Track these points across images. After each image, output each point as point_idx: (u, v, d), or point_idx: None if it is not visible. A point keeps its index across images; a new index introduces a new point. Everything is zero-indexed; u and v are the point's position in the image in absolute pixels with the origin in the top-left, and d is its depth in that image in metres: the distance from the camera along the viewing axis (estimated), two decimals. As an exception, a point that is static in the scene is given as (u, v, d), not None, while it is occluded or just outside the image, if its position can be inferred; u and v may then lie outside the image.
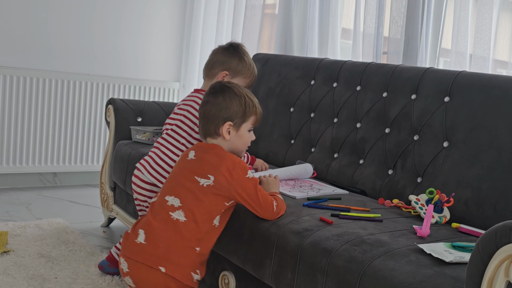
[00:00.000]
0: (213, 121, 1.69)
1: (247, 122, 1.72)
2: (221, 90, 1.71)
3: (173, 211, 1.58)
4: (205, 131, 1.71)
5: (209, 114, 1.69)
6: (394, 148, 2.07)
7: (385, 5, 2.58)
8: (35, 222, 2.66)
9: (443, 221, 1.72)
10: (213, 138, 1.71)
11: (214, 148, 1.68)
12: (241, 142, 1.73)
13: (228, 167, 1.60)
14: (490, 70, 2.17)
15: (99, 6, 3.52)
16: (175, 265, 1.55)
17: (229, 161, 1.62)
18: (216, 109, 1.68)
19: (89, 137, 3.53)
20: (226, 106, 1.68)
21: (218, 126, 1.68)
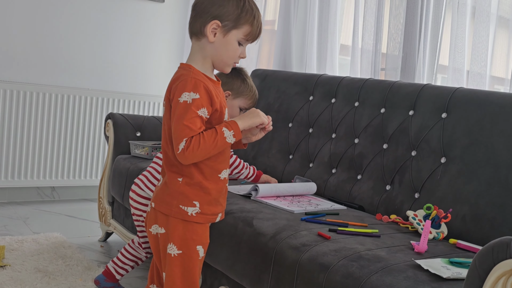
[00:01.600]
0: (201, 16, 1.47)
1: (238, 29, 1.48)
2: None
3: None
4: (191, 28, 1.50)
5: (200, 7, 1.48)
6: (392, 164, 2.07)
7: (383, 22, 2.60)
8: (32, 236, 2.65)
9: (440, 237, 1.72)
10: (197, 39, 1.49)
11: (179, 67, 1.51)
12: (226, 51, 1.48)
13: (172, 84, 1.46)
14: (487, 86, 2.19)
15: (99, 20, 3.55)
16: (160, 199, 1.50)
17: (177, 76, 1.46)
18: (209, 2, 1.47)
19: (88, 152, 3.53)
20: (221, 2, 1.46)
21: (205, 23, 1.46)
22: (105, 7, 3.55)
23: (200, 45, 1.49)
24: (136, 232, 2.49)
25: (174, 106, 1.43)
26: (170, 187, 1.49)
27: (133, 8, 3.65)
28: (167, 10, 3.80)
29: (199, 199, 1.49)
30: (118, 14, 3.61)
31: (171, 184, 1.49)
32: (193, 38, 1.51)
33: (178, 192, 1.48)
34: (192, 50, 1.52)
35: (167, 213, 1.48)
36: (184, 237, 1.48)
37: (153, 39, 3.78)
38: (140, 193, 2.00)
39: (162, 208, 1.49)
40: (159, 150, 2.62)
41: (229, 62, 1.51)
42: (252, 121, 1.50)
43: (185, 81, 1.42)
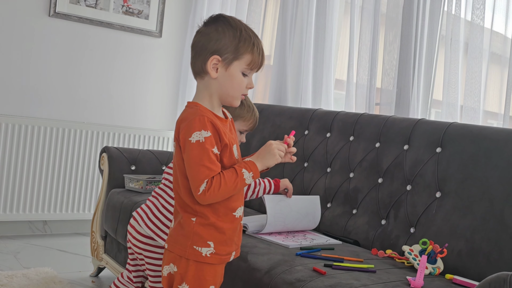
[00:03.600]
0: (200, 54, 1.44)
1: (239, 60, 1.44)
2: (215, 20, 1.46)
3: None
4: (193, 68, 1.48)
5: (197, 46, 1.45)
6: (387, 198, 2.06)
7: (377, 57, 2.63)
8: (22, 271, 2.60)
9: (436, 272, 1.70)
10: (201, 78, 1.47)
11: (187, 106, 1.48)
12: (232, 84, 1.45)
13: (179, 124, 1.42)
14: (481, 121, 2.20)
15: (95, 54, 3.58)
16: (174, 240, 1.46)
17: (184, 116, 1.43)
18: (205, 40, 1.43)
19: (81, 185, 3.51)
20: (217, 37, 1.42)
21: (205, 61, 1.43)
22: (102, 41, 3.59)
23: (205, 83, 1.46)
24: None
25: (184, 147, 1.39)
26: (184, 227, 1.45)
27: (130, 42, 3.69)
28: (164, 45, 3.84)
29: (214, 239, 1.44)
30: (115, 48, 3.64)
31: (185, 225, 1.45)
32: (197, 78, 1.48)
33: (192, 233, 1.44)
34: (198, 89, 1.49)
35: (181, 254, 1.44)
36: (197, 277, 1.44)
37: (149, 74, 3.81)
38: (139, 230, 1.90)
39: (176, 249, 1.45)
40: (153, 183, 2.61)
41: (236, 95, 1.47)
42: (269, 163, 1.48)
43: (192, 120, 1.39)
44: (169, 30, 3.85)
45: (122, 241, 2.41)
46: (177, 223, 1.48)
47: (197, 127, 1.38)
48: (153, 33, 3.76)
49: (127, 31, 3.65)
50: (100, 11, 3.53)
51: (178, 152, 1.43)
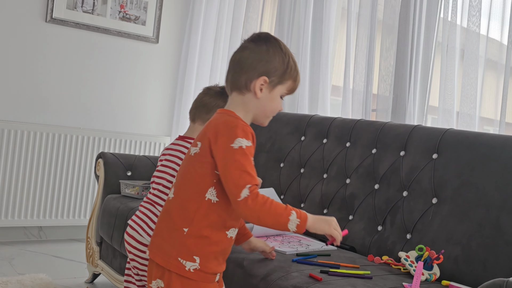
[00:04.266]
0: (248, 72, 1.43)
1: (283, 85, 1.46)
2: (266, 39, 1.46)
3: (169, 191, 1.43)
4: (234, 81, 1.45)
5: (245, 62, 1.43)
6: (383, 204, 2.06)
7: (374, 64, 2.64)
8: (17, 277, 2.59)
9: (433, 279, 1.69)
10: (240, 93, 1.45)
11: (220, 112, 1.45)
12: (271, 105, 1.46)
13: (217, 129, 1.37)
14: (477, 127, 2.20)
15: (92, 60, 3.58)
16: (157, 247, 1.38)
17: (223, 122, 1.39)
18: (255, 59, 1.43)
19: (77, 191, 3.49)
20: (268, 58, 1.43)
21: (252, 79, 1.42)
22: (98, 47, 3.59)
23: (244, 100, 1.45)
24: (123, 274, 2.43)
25: (223, 152, 1.34)
26: (172, 236, 1.37)
27: (127, 48, 3.69)
28: (161, 51, 3.84)
29: (201, 254, 1.36)
30: (112, 53, 3.64)
31: (175, 233, 1.37)
32: (235, 92, 1.46)
33: (179, 243, 1.36)
34: (233, 103, 1.46)
35: (163, 264, 1.36)
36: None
37: (146, 79, 3.81)
38: (141, 240, 1.83)
39: (158, 258, 1.37)
40: (150, 189, 2.59)
41: (270, 116, 1.49)
42: (322, 227, 1.41)
43: (235, 127, 1.37)
44: (166, 36, 3.85)
45: (117, 247, 2.40)
46: (163, 229, 1.40)
47: (240, 134, 1.36)
48: (150, 39, 3.76)
49: (124, 37, 3.66)
50: (97, 17, 3.53)
51: (203, 157, 1.38)
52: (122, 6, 3.62)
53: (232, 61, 1.48)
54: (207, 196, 1.36)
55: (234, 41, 3.50)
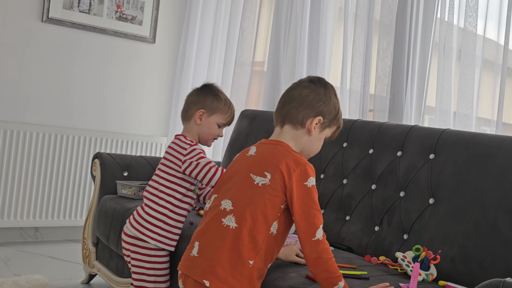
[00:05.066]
0: (306, 109, 1.50)
1: (331, 128, 1.56)
2: (324, 84, 1.55)
3: (224, 217, 1.40)
4: (291, 115, 1.51)
5: (305, 100, 1.50)
6: (380, 205, 2.06)
7: (371, 64, 2.64)
8: (13, 278, 2.57)
9: (430, 279, 1.69)
10: (294, 128, 1.51)
11: (279, 144, 1.50)
12: (317, 145, 1.55)
13: (288, 164, 1.42)
14: (474, 127, 2.20)
15: (88, 60, 3.57)
16: (221, 279, 1.34)
17: (292, 158, 1.43)
18: (315, 99, 1.51)
19: (73, 191, 3.48)
20: (325, 100, 1.52)
21: (308, 117, 1.50)
22: (95, 47, 3.58)
23: (296, 134, 1.52)
24: (121, 274, 2.43)
25: (300, 190, 1.40)
26: (236, 268, 1.36)
27: (123, 48, 3.68)
28: (158, 51, 3.84)
29: (257, 286, 1.41)
30: (109, 53, 3.63)
31: (241, 266, 1.36)
32: (288, 125, 1.52)
33: (244, 276, 1.36)
34: (285, 135, 1.52)
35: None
36: None
37: (143, 79, 3.80)
38: (127, 232, 1.92)
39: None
40: (146, 190, 2.59)
41: (312, 155, 1.57)
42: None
43: (307, 165, 1.43)
44: (162, 36, 3.84)
45: (114, 247, 2.39)
46: (225, 261, 1.36)
47: (311, 174, 1.44)
48: (146, 39, 3.75)
49: (121, 37, 3.65)
50: (94, 16, 3.53)
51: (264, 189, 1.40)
52: (119, 6, 3.61)
53: (290, 96, 1.54)
54: (271, 230, 1.41)
55: (231, 41, 3.50)
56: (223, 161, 2.92)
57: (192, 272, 1.39)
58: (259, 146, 1.53)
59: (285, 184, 1.41)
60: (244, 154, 1.53)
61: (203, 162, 1.87)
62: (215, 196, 1.51)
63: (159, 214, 1.89)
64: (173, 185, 1.91)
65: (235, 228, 1.38)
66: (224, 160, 2.92)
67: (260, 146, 1.53)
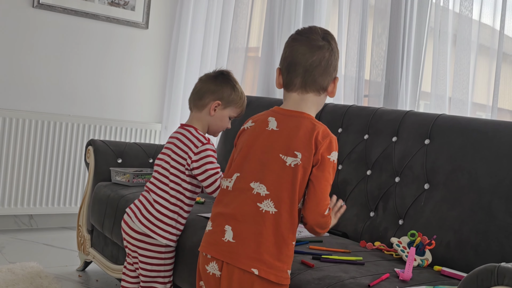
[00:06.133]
0: (331, 74, 1.47)
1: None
2: (335, 39, 1.51)
3: (260, 202, 1.36)
4: (317, 84, 1.45)
5: (329, 65, 1.46)
6: (375, 190, 2.06)
7: (366, 49, 2.62)
8: (7, 266, 2.57)
9: (425, 264, 1.69)
10: (317, 95, 1.47)
11: (301, 116, 1.44)
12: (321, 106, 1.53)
13: (317, 140, 1.39)
14: (469, 113, 2.20)
15: (81, 46, 3.53)
16: (269, 265, 1.33)
17: (320, 132, 1.40)
18: (335, 61, 1.47)
19: (67, 179, 3.47)
20: (338, 58, 1.49)
21: (331, 81, 1.48)
22: (87, 33, 3.54)
23: (318, 100, 1.48)
24: (116, 261, 2.42)
25: (324, 164, 1.38)
26: (282, 251, 1.35)
27: (116, 34, 3.65)
28: (151, 37, 3.80)
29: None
30: (101, 39, 3.60)
31: (286, 248, 1.36)
32: (312, 93, 1.46)
33: (288, 256, 1.37)
34: (308, 103, 1.47)
35: (277, 280, 1.34)
36: None
37: (136, 66, 3.77)
38: (132, 227, 1.86)
39: (272, 276, 1.33)
40: (140, 177, 2.58)
41: None
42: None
43: (333, 138, 1.42)
44: (156, 22, 3.80)
45: (108, 235, 2.39)
46: (272, 246, 1.35)
47: (335, 148, 1.42)
48: (139, 24, 3.72)
49: (113, 22, 3.61)
50: (86, 2, 3.48)
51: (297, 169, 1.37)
52: (111, -9, 3.57)
53: (312, 61, 1.44)
54: (299, 205, 1.41)
55: (225, 26, 3.46)
56: (217, 148, 2.91)
57: (234, 260, 1.35)
58: (279, 118, 1.45)
59: (313, 157, 1.38)
60: (264, 128, 1.45)
61: (211, 172, 1.82)
62: (237, 175, 1.44)
63: (172, 212, 1.84)
64: (183, 183, 1.86)
65: (275, 213, 1.36)
66: (219, 147, 2.91)
67: (281, 119, 1.44)
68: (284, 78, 1.49)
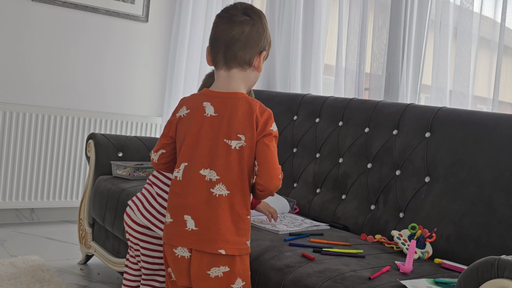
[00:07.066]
0: (253, 48, 1.48)
1: (267, 51, 1.55)
2: (259, 14, 1.52)
3: (213, 187, 1.43)
4: (238, 59, 1.48)
5: (249, 39, 1.47)
6: (376, 183, 2.06)
7: (366, 42, 2.62)
8: (9, 259, 2.58)
9: (425, 257, 1.70)
10: (242, 70, 1.49)
11: (235, 97, 1.47)
12: (258, 75, 1.56)
13: (257, 118, 1.44)
14: (470, 106, 2.20)
15: (80, 40, 3.53)
16: (231, 243, 1.42)
17: (257, 109, 1.45)
18: (257, 35, 1.48)
19: (69, 172, 3.47)
20: (265, 34, 1.50)
21: (255, 55, 1.49)
22: (87, 26, 3.53)
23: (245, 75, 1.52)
24: (117, 254, 2.43)
25: (271, 138, 1.47)
26: (239, 226, 1.45)
27: (116, 27, 3.64)
28: (151, 30, 3.79)
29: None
30: (101, 33, 3.59)
31: (242, 223, 1.45)
32: (236, 68, 1.50)
33: (246, 229, 1.47)
34: (235, 79, 1.51)
35: (239, 253, 1.45)
36: (245, 268, 1.48)
37: (136, 59, 3.76)
38: (135, 219, 1.85)
39: (235, 251, 1.44)
40: (141, 170, 2.58)
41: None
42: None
43: (270, 113, 1.49)
44: (155, 15, 3.79)
45: (110, 228, 2.39)
46: (230, 225, 1.43)
47: (273, 119, 1.49)
48: (139, 17, 3.70)
49: (113, 15, 3.60)
50: (86, -5, 3.47)
51: (242, 150, 1.44)
52: (111, -16, 3.56)
53: (231, 36, 1.47)
54: (252, 181, 1.49)
55: (225, 20, 3.45)
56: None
57: (202, 246, 1.42)
58: (214, 102, 1.48)
59: (256, 133, 1.45)
60: (201, 115, 1.48)
61: None
62: (185, 164, 1.48)
63: None
64: None
65: (228, 195, 1.43)
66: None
67: (216, 103, 1.48)
68: (211, 56, 1.53)
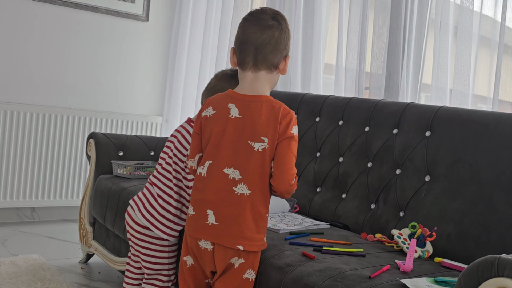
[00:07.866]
0: (281, 52, 1.55)
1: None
2: (285, 19, 1.59)
3: (235, 185, 1.49)
4: (267, 62, 1.54)
5: (278, 43, 1.53)
6: (376, 182, 2.06)
7: (367, 41, 2.62)
8: (10, 258, 2.58)
9: (426, 256, 1.70)
10: (269, 72, 1.56)
11: (259, 101, 1.53)
12: (278, 77, 1.63)
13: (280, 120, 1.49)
14: (470, 105, 2.20)
15: (81, 39, 3.53)
16: (250, 239, 1.49)
17: (280, 111, 1.50)
18: (284, 39, 1.55)
19: (69, 171, 3.48)
20: (289, 38, 1.57)
21: (282, 58, 1.56)
22: (87, 25, 3.54)
23: (271, 77, 1.58)
24: (118, 253, 2.43)
25: (291, 139, 1.51)
26: (259, 224, 1.51)
27: (116, 26, 3.64)
28: (151, 29, 3.79)
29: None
30: (101, 32, 3.59)
31: (261, 221, 1.52)
32: (264, 70, 1.56)
33: (264, 226, 1.54)
34: (261, 81, 1.56)
35: (257, 249, 1.52)
36: (258, 260, 1.55)
37: (136, 58, 3.76)
38: (135, 219, 1.87)
39: (254, 247, 1.50)
40: (142, 169, 2.59)
41: None
42: None
43: (293, 115, 1.52)
44: (156, 14, 3.80)
45: (110, 227, 2.40)
46: (251, 223, 1.49)
47: (295, 122, 1.53)
48: (139, 17, 3.71)
49: (113, 15, 3.60)
50: (86, -6, 3.47)
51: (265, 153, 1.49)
52: (111, -17, 3.56)
53: (261, 40, 1.53)
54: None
55: (225, 19, 3.46)
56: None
57: (221, 240, 1.48)
58: (239, 105, 1.53)
59: (277, 135, 1.50)
60: (226, 116, 1.53)
61: None
62: (209, 162, 1.53)
63: (175, 209, 1.85)
64: (184, 181, 1.86)
65: (249, 194, 1.49)
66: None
67: (241, 106, 1.53)
68: (237, 57, 1.58)
